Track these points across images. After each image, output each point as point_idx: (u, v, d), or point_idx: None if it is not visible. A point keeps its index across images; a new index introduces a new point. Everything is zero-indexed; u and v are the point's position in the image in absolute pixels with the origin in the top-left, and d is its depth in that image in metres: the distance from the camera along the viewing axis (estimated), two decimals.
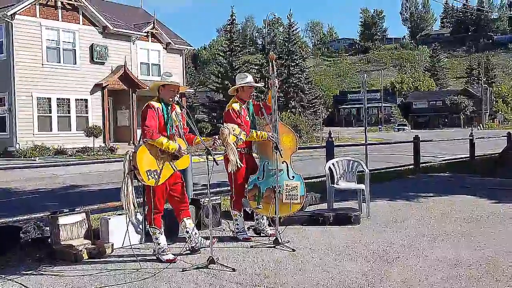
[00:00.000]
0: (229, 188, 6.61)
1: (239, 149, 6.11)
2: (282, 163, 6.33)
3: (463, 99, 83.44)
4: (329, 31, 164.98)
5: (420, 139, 15.07)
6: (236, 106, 6.24)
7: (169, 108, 5.48)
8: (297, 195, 6.32)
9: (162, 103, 5.44)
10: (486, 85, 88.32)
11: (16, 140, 25.40)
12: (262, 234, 6.51)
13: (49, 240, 5.87)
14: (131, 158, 5.17)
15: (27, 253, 5.75)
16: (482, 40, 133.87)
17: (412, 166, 14.57)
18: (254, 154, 6.54)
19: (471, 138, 17.26)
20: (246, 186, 6.30)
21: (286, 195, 6.29)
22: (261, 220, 6.57)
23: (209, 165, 5.12)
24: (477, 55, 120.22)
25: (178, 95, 5.54)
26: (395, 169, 14.37)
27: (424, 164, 15.39)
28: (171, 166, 5.35)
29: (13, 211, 8.01)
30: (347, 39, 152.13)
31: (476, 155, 17.39)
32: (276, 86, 6.35)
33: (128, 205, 5.12)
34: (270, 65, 6.43)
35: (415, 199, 9.45)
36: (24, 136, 25.50)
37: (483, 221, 7.33)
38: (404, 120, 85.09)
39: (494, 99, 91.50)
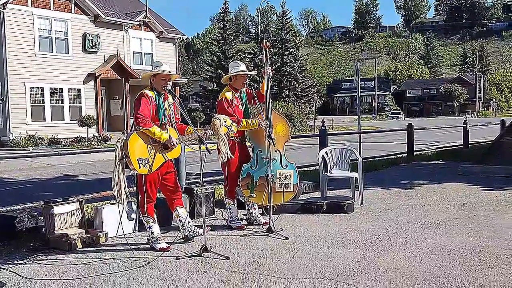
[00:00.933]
0: (222, 177, 6.63)
1: (232, 138, 6.12)
2: (275, 151, 6.34)
3: (457, 87, 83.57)
4: (322, 19, 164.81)
5: (414, 127, 15.13)
6: (228, 95, 6.23)
7: (162, 97, 5.49)
8: (290, 183, 6.35)
9: (155, 92, 5.45)
10: (480, 73, 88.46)
11: (9, 130, 25.29)
12: (255, 224, 6.54)
13: (43, 230, 5.87)
14: (122, 145, 5.16)
15: (22, 243, 5.76)
16: (477, 28, 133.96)
17: (405, 154, 14.63)
18: (247, 143, 6.54)
19: (465, 125, 17.33)
20: (239, 175, 6.31)
21: (279, 183, 6.31)
22: (253, 210, 6.58)
23: (202, 154, 5.13)
24: (471, 43, 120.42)
25: (171, 84, 5.54)
26: (388, 157, 14.42)
27: (417, 152, 15.46)
28: (162, 155, 5.35)
29: (7, 201, 8.01)
30: (341, 27, 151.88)
31: (469, 142, 17.48)
32: (269, 75, 6.34)
33: (120, 193, 5.12)
34: (264, 54, 6.42)
35: (408, 187, 9.49)
36: (17, 126, 25.39)
37: (476, 208, 7.37)
38: (398, 108, 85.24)
39: (488, 86, 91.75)
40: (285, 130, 6.45)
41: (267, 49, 6.41)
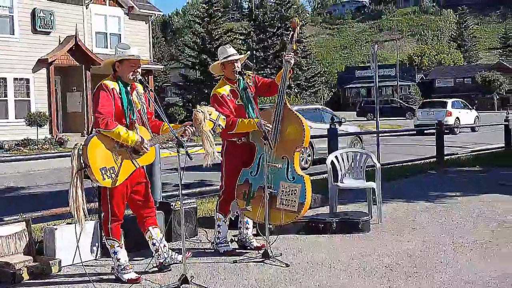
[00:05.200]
0: (207, 188, 6.60)
1: (235, 139, 6.17)
2: (282, 158, 6.27)
3: (497, 76, 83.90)
4: None
5: (444, 126, 15.17)
6: (221, 90, 6.23)
7: (129, 88, 5.44)
8: (294, 201, 6.19)
9: (119, 83, 5.39)
10: None
11: None
12: (248, 247, 6.50)
13: None
14: (80, 153, 5.11)
15: None
16: None
17: (434, 159, 14.66)
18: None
19: (507, 123, 17.37)
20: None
21: (280, 199, 6.24)
22: (245, 230, 6.56)
23: (182, 159, 5.08)
24: None
25: (140, 72, 5.47)
26: (413, 162, 14.45)
27: (449, 157, 15.49)
28: (132, 162, 5.31)
29: None
30: (355, 1, 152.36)
31: None
32: (290, 63, 6.30)
33: (78, 213, 5.07)
34: (291, 35, 6.42)
35: (437, 200, 9.51)
36: None
37: None
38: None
39: None
40: (297, 133, 6.25)
41: (297, 28, 6.38)
